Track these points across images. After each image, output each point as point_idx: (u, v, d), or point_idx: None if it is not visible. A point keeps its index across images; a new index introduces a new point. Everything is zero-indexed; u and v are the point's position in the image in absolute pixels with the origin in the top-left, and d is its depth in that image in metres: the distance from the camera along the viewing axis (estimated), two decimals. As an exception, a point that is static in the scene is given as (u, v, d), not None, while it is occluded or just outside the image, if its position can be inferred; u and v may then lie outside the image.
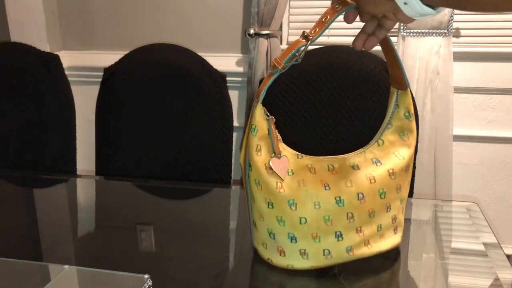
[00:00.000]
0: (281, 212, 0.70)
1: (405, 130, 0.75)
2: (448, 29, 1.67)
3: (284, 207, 0.69)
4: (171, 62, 1.29)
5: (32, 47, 1.39)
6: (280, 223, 0.70)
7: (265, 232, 0.73)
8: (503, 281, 0.72)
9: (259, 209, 0.72)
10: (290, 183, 0.70)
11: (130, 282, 0.65)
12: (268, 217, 0.71)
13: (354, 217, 0.70)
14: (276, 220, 0.71)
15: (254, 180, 0.71)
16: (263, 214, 0.72)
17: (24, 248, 0.83)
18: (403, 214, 0.78)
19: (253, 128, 0.70)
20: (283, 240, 0.71)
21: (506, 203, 1.88)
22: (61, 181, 1.18)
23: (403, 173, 0.73)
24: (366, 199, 0.70)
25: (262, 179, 0.70)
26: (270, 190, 0.70)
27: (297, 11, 1.87)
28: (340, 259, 0.72)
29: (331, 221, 0.69)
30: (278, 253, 0.72)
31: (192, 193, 1.11)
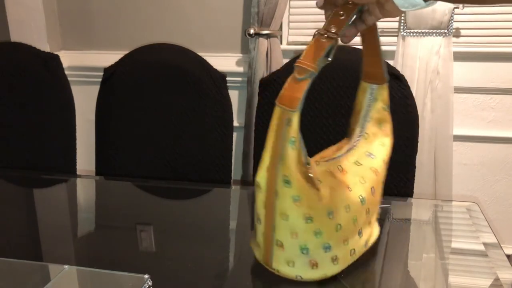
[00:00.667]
0: (320, 224, 0.66)
1: (382, 121, 0.77)
2: (448, 29, 1.67)
3: (323, 219, 0.66)
4: (171, 62, 1.29)
5: (32, 47, 1.39)
6: (317, 236, 0.66)
7: (296, 250, 0.67)
8: (503, 281, 0.72)
9: (292, 227, 0.66)
10: (324, 192, 0.66)
11: (130, 282, 0.65)
12: (304, 233, 0.66)
13: (369, 212, 0.72)
14: (313, 233, 0.66)
15: (292, 197, 0.64)
16: (298, 231, 0.66)
17: (24, 248, 0.83)
18: None
19: (292, 140, 0.63)
20: (318, 252, 0.67)
21: (506, 203, 1.88)
22: (61, 181, 1.18)
23: (387, 161, 0.77)
24: (376, 191, 0.72)
25: (303, 194, 0.64)
26: (312, 204, 0.64)
27: (297, 11, 1.87)
28: (359, 254, 0.73)
29: (357, 221, 0.70)
30: (310, 267, 0.68)
31: (192, 193, 1.11)
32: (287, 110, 0.62)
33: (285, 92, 0.63)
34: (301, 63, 0.61)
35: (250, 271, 0.77)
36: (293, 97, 0.62)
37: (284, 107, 0.62)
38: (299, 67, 0.62)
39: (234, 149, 1.32)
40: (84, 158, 1.50)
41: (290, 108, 0.62)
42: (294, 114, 0.62)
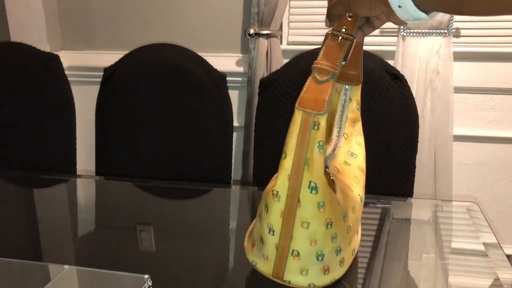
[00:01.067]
0: (337, 228, 0.65)
1: (356, 120, 0.78)
2: (448, 29, 1.67)
3: (340, 222, 0.65)
4: (171, 62, 1.29)
5: (32, 47, 1.39)
6: (333, 240, 0.65)
7: (312, 257, 0.65)
8: (503, 281, 0.72)
9: (313, 234, 0.63)
10: (339, 196, 0.65)
11: (130, 282, 0.65)
12: (323, 239, 0.64)
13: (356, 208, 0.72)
14: (331, 238, 0.65)
15: (317, 203, 0.62)
16: (317, 238, 0.64)
17: (24, 248, 0.83)
18: None
19: (321, 145, 0.61)
20: (331, 256, 0.66)
21: (506, 203, 1.88)
22: (61, 181, 1.18)
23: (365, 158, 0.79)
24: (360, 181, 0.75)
25: (328, 199, 0.62)
26: (333, 209, 0.63)
27: (297, 11, 1.87)
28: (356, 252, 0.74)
29: (358, 220, 0.71)
30: (323, 273, 0.66)
31: (192, 193, 1.11)
32: (313, 113, 0.60)
33: (307, 94, 0.61)
34: (321, 64, 0.60)
35: (250, 271, 0.77)
36: (319, 99, 0.60)
37: (309, 110, 0.60)
38: (320, 68, 0.61)
39: (234, 149, 1.32)
40: (84, 158, 1.50)
41: (317, 111, 0.60)
42: (322, 117, 0.60)
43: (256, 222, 0.68)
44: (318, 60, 0.61)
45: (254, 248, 0.68)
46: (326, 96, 0.60)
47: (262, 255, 0.67)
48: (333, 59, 0.60)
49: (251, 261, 0.69)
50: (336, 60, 0.60)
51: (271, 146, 1.19)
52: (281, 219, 0.63)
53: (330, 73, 0.60)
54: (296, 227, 0.63)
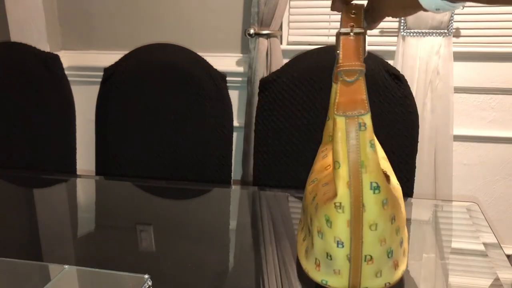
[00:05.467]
0: (399, 221, 0.65)
1: None
2: (448, 29, 1.67)
3: (399, 213, 0.64)
4: (171, 62, 1.29)
5: (32, 47, 1.39)
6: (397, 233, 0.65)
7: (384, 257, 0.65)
8: (503, 281, 0.72)
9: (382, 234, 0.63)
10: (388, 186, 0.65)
11: (130, 282, 0.65)
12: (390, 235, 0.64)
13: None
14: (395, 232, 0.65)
15: (382, 202, 0.61)
16: (385, 236, 0.63)
17: (24, 248, 0.83)
18: None
19: (372, 143, 0.61)
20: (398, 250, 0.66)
21: (506, 203, 1.88)
22: (61, 181, 1.18)
23: None
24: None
25: (389, 195, 0.62)
26: (394, 202, 0.63)
27: (297, 11, 1.87)
28: None
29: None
30: (394, 268, 0.66)
31: (192, 193, 1.11)
32: (357, 115, 0.60)
33: (342, 99, 0.60)
34: (346, 65, 0.60)
35: (250, 271, 0.77)
36: (357, 100, 0.60)
37: (351, 113, 0.60)
38: (346, 70, 0.61)
39: (234, 149, 1.32)
40: (84, 158, 1.50)
41: (360, 111, 0.60)
42: (366, 116, 0.60)
43: (315, 240, 0.66)
44: (341, 63, 0.61)
45: (321, 267, 0.66)
46: (363, 95, 0.60)
47: (333, 271, 0.65)
48: (355, 56, 0.60)
49: (321, 280, 0.67)
50: (358, 57, 0.60)
51: (271, 146, 1.19)
52: (348, 229, 0.62)
53: (357, 72, 0.60)
54: (365, 232, 0.62)
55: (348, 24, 0.62)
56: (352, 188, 0.60)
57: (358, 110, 0.60)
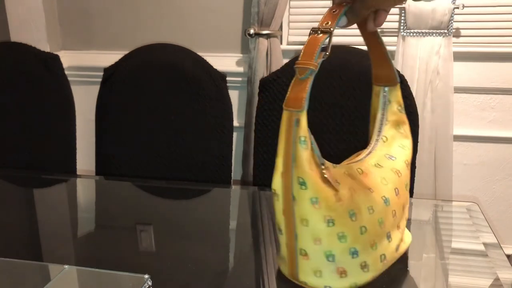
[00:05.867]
0: (343, 227, 0.64)
1: (400, 123, 0.76)
2: (448, 29, 1.67)
3: (345, 221, 0.64)
4: (171, 62, 1.29)
5: (32, 47, 1.39)
6: (341, 240, 0.64)
7: (321, 257, 0.65)
8: (503, 281, 0.72)
9: (315, 232, 0.64)
10: (344, 193, 0.65)
11: (130, 282, 0.65)
12: (328, 238, 0.64)
13: (396, 214, 0.70)
14: (337, 238, 0.64)
15: (310, 199, 0.63)
16: (320, 236, 0.64)
17: (24, 248, 0.83)
18: None
19: (302, 140, 0.62)
20: (345, 258, 0.65)
21: (506, 203, 1.88)
22: (61, 181, 1.18)
23: (408, 166, 0.76)
24: (400, 193, 0.71)
25: (321, 195, 0.63)
26: (331, 205, 0.63)
27: (297, 11, 1.87)
28: (391, 261, 0.71)
29: (384, 224, 0.67)
30: (339, 275, 0.66)
31: (192, 193, 1.11)
32: (294, 111, 0.61)
33: (291, 94, 0.62)
34: (300, 63, 0.61)
35: (250, 271, 0.77)
36: (298, 97, 0.61)
37: (291, 109, 0.61)
38: (299, 67, 0.61)
39: (234, 149, 1.32)
40: (84, 158, 1.50)
41: (297, 108, 0.61)
42: (301, 113, 0.61)
43: None
44: (299, 59, 0.62)
45: (278, 250, 0.71)
46: (304, 93, 0.61)
47: (281, 256, 0.70)
48: (310, 55, 0.61)
49: (278, 262, 0.72)
50: (312, 56, 0.61)
51: (271, 146, 1.19)
52: (284, 217, 0.65)
53: (308, 70, 0.61)
54: (297, 224, 0.64)
55: (325, 21, 0.62)
56: (284, 179, 0.64)
57: (297, 107, 0.61)
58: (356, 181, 0.67)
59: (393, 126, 0.76)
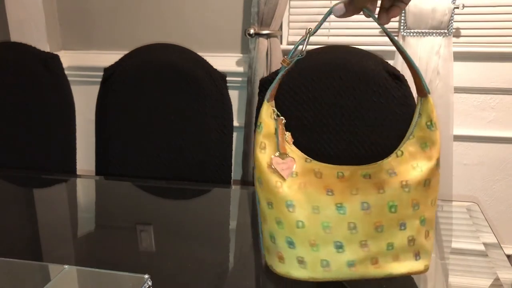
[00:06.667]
0: (280, 214, 0.68)
1: (427, 141, 0.68)
2: (448, 29, 1.67)
3: (282, 208, 0.67)
4: (171, 62, 1.29)
5: (32, 47, 1.39)
6: (279, 225, 0.68)
7: (267, 236, 0.71)
8: (503, 281, 0.72)
9: (262, 210, 0.70)
10: (291, 184, 0.68)
11: (130, 282, 0.65)
12: (269, 219, 0.69)
13: (357, 228, 0.66)
14: (275, 222, 0.68)
15: (257, 178, 0.69)
16: (265, 215, 0.70)
17: (24, 248, 0.83)
18: (430, 239, 0.70)
19: (258, 125, 0.70)
20: (282, 245, 0.69)
21: (506, 203, 1.88)
22: (61, 181, 1.18)
23: (420, 187, 0.67)
24: (372, 210, 0.66)
25: (263, 177, 0.68)
26: (270, 189, 0.68)
27: (297, 11, 1.87)
28: (341, 274, 0.68)
29: (330, 229, 0.66)
30: (278, 259, 0.70)
31: (192, 193, 1.11)
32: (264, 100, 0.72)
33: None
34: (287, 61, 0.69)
35: (250, 271, 0.77)
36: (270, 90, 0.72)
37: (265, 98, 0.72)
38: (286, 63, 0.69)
39: (234, 149, 1.32)
40: (84, 158, 1.50)
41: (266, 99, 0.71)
42: (263, 102, 0.71)
43: None
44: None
45: None
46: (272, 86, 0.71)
47: None
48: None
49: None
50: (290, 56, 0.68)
51: (271, 146, 1.19)
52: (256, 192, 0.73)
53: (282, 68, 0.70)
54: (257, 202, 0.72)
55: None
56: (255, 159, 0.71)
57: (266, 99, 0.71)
58: (320, 180, 0.68)
59: (417, 142, 0.69)
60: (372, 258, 0.68)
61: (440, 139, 0.68)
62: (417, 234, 0.68)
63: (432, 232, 0.70)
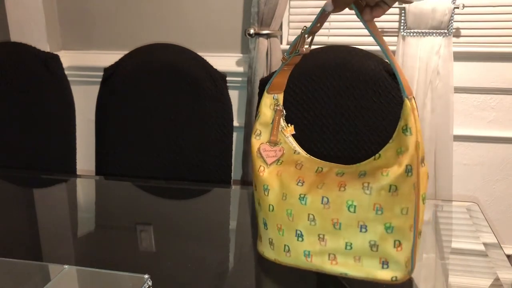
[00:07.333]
0: (259, 196, 0.74)
1: (402, 146, 0.65)
2: (448, 29, 1.67)
3: (260, 191, 0.74)
4: (171, 62, 1.29)
5: (32, 47, 1.39)
6: (259, 206, 0.75)
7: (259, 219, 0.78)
8: (503, 281, 0.72)
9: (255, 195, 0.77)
10: (272, 170, 0.74)
11: (130, 282, 0.65)
12: (255, 200, 0.77)
13: (315, 221, 0.69)
14: (257, 203, 0.76)
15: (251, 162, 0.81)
16: (255, 197, 0.77)
17: (24, 248, 0.83)
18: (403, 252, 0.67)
19: (257, 113, 0.77)
20: (260, 224, 0.76)
21: (506, 203, 1.88)
22: (61, 181, 1.18)
23: (384, 192, 0.65)
24: (331, 206, 0.67)
25: (253, 160, 0.76)
26: (255, 172, 0.75)
27: (297, 11, 1.87)
28: (298, 262, 0.71)
29: (292, 217, 0.71)
30: (259, 238, 0.77)
31: (192, 193, 1.11)
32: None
33: None
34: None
35: (250, 271, 0.77)
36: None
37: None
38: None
39: (234, 149, 1.32)
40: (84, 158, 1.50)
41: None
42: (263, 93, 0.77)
43: None
44: None
45: None
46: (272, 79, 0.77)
47: None
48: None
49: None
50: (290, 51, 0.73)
51: (271, 146, 1.19)
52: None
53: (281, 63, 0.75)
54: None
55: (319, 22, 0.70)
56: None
57: None
58: (298, 171, 0.72)
59: (394, 147, 0.66)
60: (329, 254, 0.69)
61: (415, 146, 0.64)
62: (381, 240, 0.66)
63: (406, 243, 0.66)
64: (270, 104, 0.76)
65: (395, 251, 0.67)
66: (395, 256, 0.67)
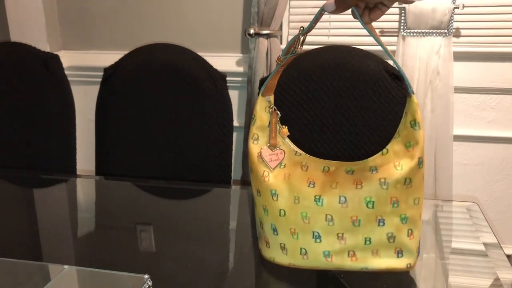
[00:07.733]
0: (266, 202, 0.72)
1: (411, 140, 0.69)
2: (448, 29, 1.67)
3: (267, 197, 0.72)
4: (171, 62, 1.29)
5: (32, 47, 1.39)
6: (265, 212, 0.73)
7: (258, 222, 0.76)
8: (503, 281, 0.72)
9: (254, 197, 0.75)
10: (277, 174, 0.72)
11: (130, 282, 0.65)
12: (258, 206, 0.74)
13: (333, 221, 0.69)
14: (262, 209, 0.73)
15: (249, 167, 0.75)
16: (256, 202, 0.75)
17: (24, 248, 0.83)
18: (414, 239, 0.70)
19: (253, 117, 0.75)
20: (268, 231, 0.73)
21: (506, 203, 1.88)
22: (61, 181, 1.18)
23: (400, 185, 0.68)
24: (349, 204, 0.68)
25: (253, 166, 0.74)
26: (259, 178, 0.73)
27: (297, 11, 1.87)
28: (317, 263, 0.71)
29: (308, 219, 0.69)
30: (265, 244, 0.75)
31: (192, 193, 1.11)
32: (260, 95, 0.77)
33: None
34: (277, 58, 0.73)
35: (250, 271, 0.77)
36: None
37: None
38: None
39: (234, 149, 1.32)
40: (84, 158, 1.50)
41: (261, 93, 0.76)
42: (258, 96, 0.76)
43: None
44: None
45: None
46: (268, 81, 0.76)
47: None
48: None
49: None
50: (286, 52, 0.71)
51: (271, 146, 1.19)
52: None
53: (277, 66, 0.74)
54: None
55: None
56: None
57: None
58: (305, 173, 0.71)
59: (402, 141, 0.69)
60: (349, 251, 0.70)
61: (423, 139, 0.70)
62: (397, 231, 0.69)
63: (416, 231, 0.70)
64: (265, 107, 0.75)
65: (409, 240, 0.70)
66: (408, 245, 0.70)
